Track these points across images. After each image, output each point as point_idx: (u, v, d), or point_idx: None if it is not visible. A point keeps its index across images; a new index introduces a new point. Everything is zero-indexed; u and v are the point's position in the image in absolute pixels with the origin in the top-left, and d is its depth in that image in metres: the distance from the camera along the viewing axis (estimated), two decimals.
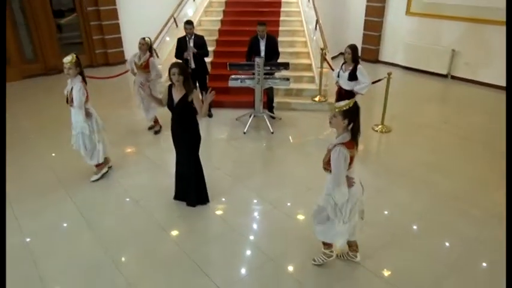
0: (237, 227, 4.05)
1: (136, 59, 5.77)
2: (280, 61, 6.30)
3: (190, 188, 4.27)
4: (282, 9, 8.78)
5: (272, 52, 6.26)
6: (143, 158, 5.53)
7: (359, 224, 3.34)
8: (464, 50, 8.52)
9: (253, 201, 4.53)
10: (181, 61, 6.16)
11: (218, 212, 4.33)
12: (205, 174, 4.39)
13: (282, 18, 8.55)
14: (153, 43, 7.58)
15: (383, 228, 4.01)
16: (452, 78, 8.87)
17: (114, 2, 9.59)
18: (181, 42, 6.37)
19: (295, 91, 7.31)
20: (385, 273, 3.45)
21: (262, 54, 6.19)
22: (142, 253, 3.74)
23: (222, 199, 4.54)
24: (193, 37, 6.32)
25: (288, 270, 3.50)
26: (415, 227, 4.07)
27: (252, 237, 3.94)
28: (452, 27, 8.58)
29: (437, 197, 4.56)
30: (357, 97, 5.38)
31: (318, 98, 7.22)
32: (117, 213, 4.33)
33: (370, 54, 10.19)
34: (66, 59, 4.27)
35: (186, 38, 6.30)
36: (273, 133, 6.17)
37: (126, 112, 6.98)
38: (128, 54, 8.41)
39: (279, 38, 7.67)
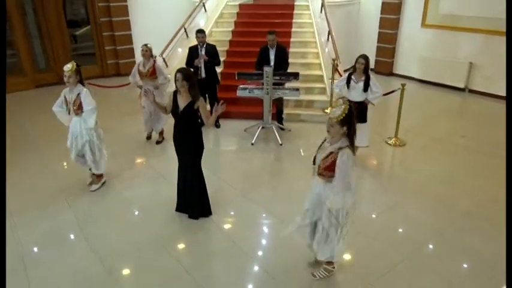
0: (240, 242, 3.84)
1: (141, 68, 5.69)
2: (289, 71, 6.16)
3: (193, 200, 4.10)
4: (294, 20, 8.68)
5: (282, 62, 6.13)
6: (146, 169, 5.41)
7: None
8: (482, 63, 8.25)
9: (259, 215, 4.32)
10: (191, 69, 6.08)
11: (221, 226, 4.13)
12: (211, 186, 4.23)
13: (293, 30, 8.45)
14: (163, 52, 7.59)
15: (395, 246, 3.77)
16: (470, 91, 8.58)
17: (127, 13, 9.66)
18: (193, 51, 6.29)
19: (306, 102, 7.15)
20: None
21: (272, 63, 6.05)
22: (140, 267, 3.57)
23: (226, 212, 4.36)
24: (206, 46, 6.23)
25: None
26: (430, 246, 3.81)
27: (256, 253, 3.73)
28: (469, 40, 8.33)
29: (453, 214, 4.29)
30: (369, 107, 5.22)
31: (329, 109, 7.02)
32: (116, 225, 4.18)
33: (384, 67, 9.98)
34: (67, 67, 4.20)
35: (198, 46, 6.22)
36: (281, 145, 5.98)
37: (131, 122, 6.87)
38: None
39: (291, 49, 7.59)
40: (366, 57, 5.04)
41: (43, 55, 9.21)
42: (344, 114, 2.78)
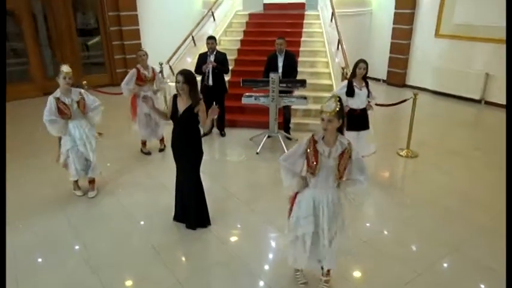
0: (239, 254, 3.63)
1: (145, 72, 5.57)
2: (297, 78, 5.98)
3: (191, 209, 3.91)
4: (304, 29, 8.55)
5: (290, 69, 5.97)
6: (145, 176, 5.23)
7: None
8: (499, 74, 7.94)
9: (261, 227, 4.11)
10: (200, 75, 5.97)
11: (220, 237, 3.92)
12: (212, 195, 4.05)
13: (303, 39, 8.31)
14: (169, 60, 7.51)
15: (409, 263, 3.51)
16: (486, 103, 8.28)
17: (137, 22, 9.69)
18: (202, 58, 6.19)
19: (314, 112, 6.93)
20: None
21: (280, 70, 5.90)
22: (133, 278, 3.38)
23: (227, 223, 4.14)
24: (215, 53, 6.12)
25: None
26: (445, 264, 3.53)
27: (255, 266, 3.50)
28: (485, 50, 8.07)
29: (468, 229, 4.01)
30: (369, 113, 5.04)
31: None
32: (112, 233, 4.00)
33: (397, 78, 9.74)
34: (67, 68, 4.13)
35: (208, 53, 6.11)
36: None
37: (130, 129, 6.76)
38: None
39: (300, 58, 7.44)
40: (366, 62, 4.83)
41: (52, 63, 9.24)
42: (339, 106, 2.69)
